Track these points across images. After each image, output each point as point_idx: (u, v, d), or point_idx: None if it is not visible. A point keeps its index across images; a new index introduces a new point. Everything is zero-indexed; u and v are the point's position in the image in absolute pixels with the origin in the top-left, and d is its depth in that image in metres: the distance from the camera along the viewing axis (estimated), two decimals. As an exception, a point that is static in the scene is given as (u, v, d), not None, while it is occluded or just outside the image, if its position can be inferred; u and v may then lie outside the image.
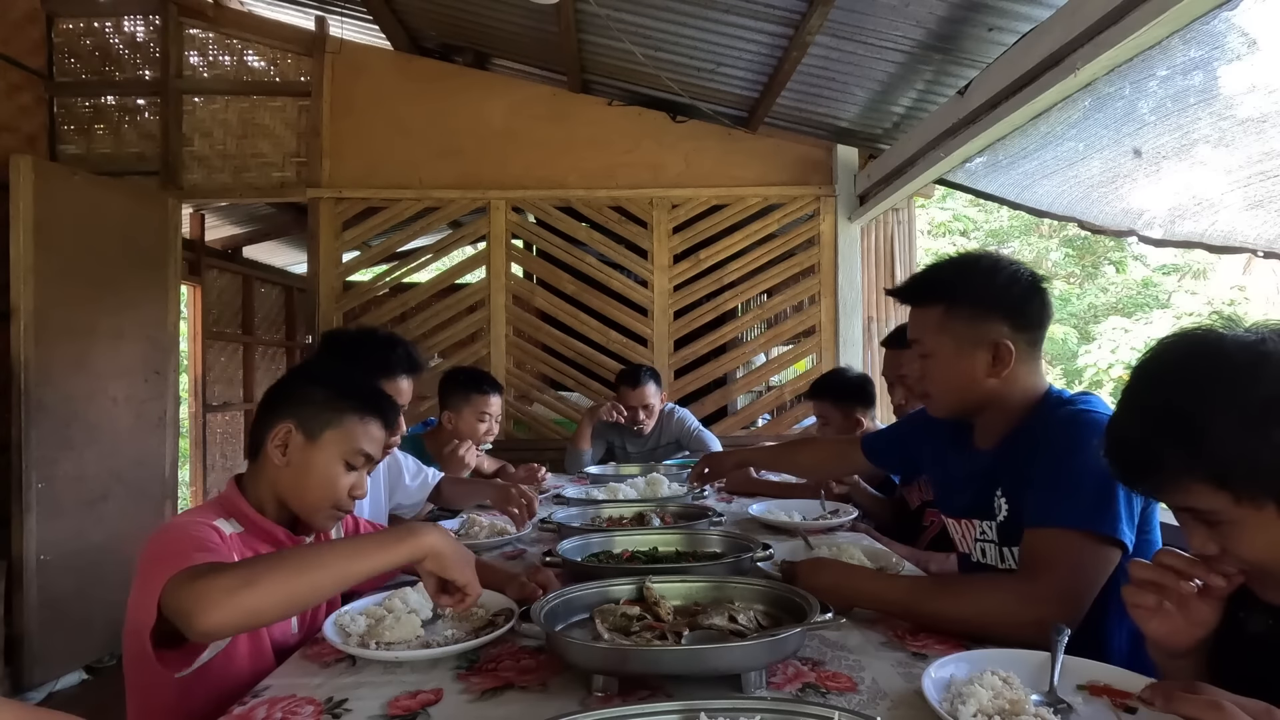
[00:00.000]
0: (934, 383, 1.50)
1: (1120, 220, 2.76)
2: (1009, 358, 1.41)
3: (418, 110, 4.43)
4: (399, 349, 2.10)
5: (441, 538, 1.16)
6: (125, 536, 3.93)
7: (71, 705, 1.01)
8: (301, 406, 1.35)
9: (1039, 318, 1.45)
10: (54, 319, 3.59)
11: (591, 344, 4.46)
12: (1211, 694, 0.78)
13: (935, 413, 1.57)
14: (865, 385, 2.83)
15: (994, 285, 1.42)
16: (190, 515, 1.30)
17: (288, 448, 1.33)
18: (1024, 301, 1.43)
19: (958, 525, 1.56)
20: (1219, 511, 0.90)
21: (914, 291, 1.54)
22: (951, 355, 1.45)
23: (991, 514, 1.44)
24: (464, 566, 1.18)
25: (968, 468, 1.53)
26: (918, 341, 1.51)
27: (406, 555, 1.13)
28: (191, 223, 5.65)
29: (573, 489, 2.71)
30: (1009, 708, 0.93)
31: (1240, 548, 0.91)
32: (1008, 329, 1.42)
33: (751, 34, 3.41)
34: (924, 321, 1.50)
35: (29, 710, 0.90)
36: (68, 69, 4.39)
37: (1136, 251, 11.56)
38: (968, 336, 1.43)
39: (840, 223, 4.37)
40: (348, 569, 1.08)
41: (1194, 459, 0.89)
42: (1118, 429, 0.98)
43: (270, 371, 6.78)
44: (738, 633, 1.16)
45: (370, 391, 1.44)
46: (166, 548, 1.14)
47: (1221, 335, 0.93)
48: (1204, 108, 2.18)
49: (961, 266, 1.50)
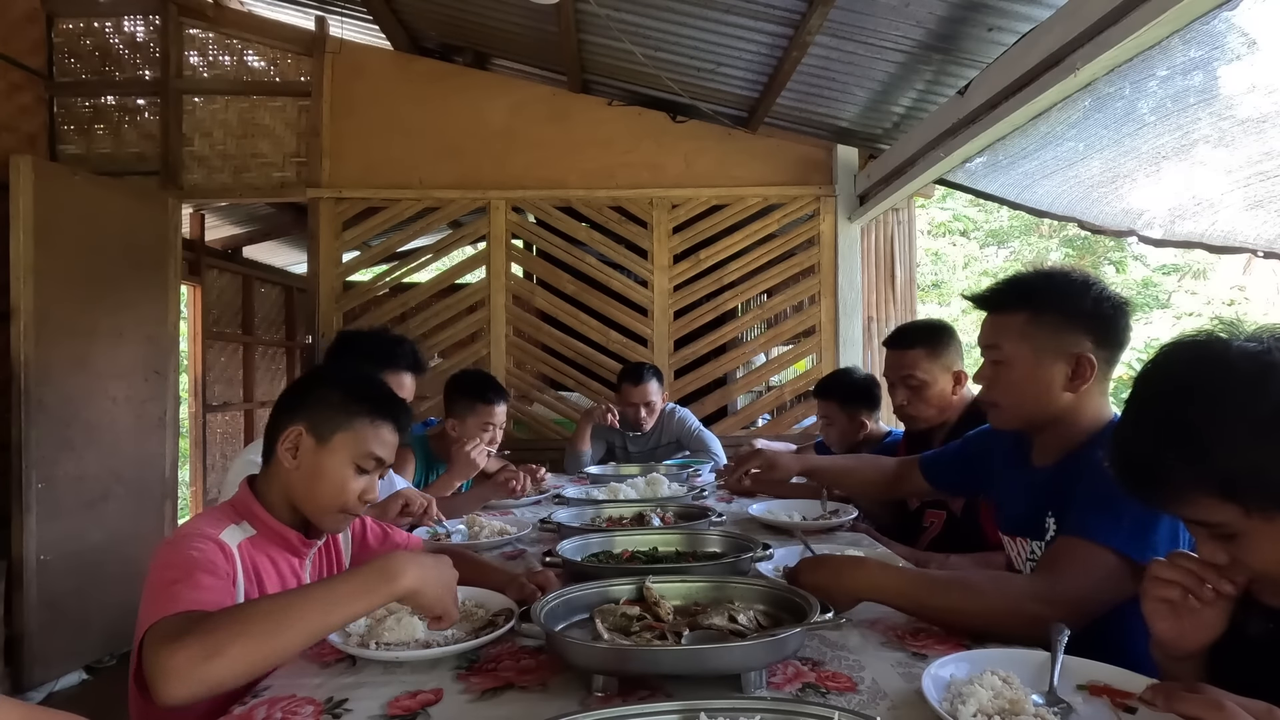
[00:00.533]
0: (1006, 391, 1.47)
1: (1120, 220, 2.76)
2: (1089, 372, 1.38)
3: (418, 110, 4.43)
4: (406, 345, 2.17)
5: (418, 576, 1.11)
6: (125, 536, 3.94)
7: (71, 705, 1.01)
8: (313, 409, 1.35)
9: (1123, 338, 1.42)
10: (54, 319, 3.59)
11: (591, 344, 4.46)
12: (1213, 694, 0.78)
13: (999, 424, 1.53)
14: (871, 387, 2.81)
15: (1084, 298, 1.40)
16: (199, 524, 1.29)
17: (298, 450, 1.32)
18: (1112, 319, 1.40)
19: (1012, 543, 1.53)
20: (1229, 524, 0.89)
21: (998, 296, 1.49)
22: (1030, 364, 1.41)
23: (1041, 533, 1.42)
24: (439, 602, 1.14)
25: (1022, 483, 1.50)
26: (993, 348, 1.47)
27: (384, 599, 1.10)
28: (191, 223, 5.65)
29: (573, 489, 2.71)
30: (1009, 707, 0.93)
31: (1250, 558, 0.90)
32: (1091, 344, 1.39)
33: (751, 34, 3.41)
34: (1003, 327, 1.46)
35: (30, 709, 0.90)
36: (68, 69, 4.39)
37: (1136, 251, 11.55)
38: (1050, 346, 1.40)
39: (840, 223, 4.38)
40: (322, 622, 1.04)
41: (1203, 472, 0.88)
42: (1125, 443, 0.97)
43: (270, 371, 6.78)
44: (737, 633, 1.16)
45: (382, 394, 1.42)
46: (163, 571, 1.14)
47: (1226, 344, 0.92)
48: (1204, 108, 2.18)
49: (1050, 276, 1.47)
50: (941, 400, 2.24)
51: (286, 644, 1.01)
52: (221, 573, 1.17)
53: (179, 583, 1.10)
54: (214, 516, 1.32)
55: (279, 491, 1.35)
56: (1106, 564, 1.22)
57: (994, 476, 1.66)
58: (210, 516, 1.32)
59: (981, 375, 1.52)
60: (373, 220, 4.42)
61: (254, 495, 1.35)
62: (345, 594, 1.07)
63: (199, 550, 1.19)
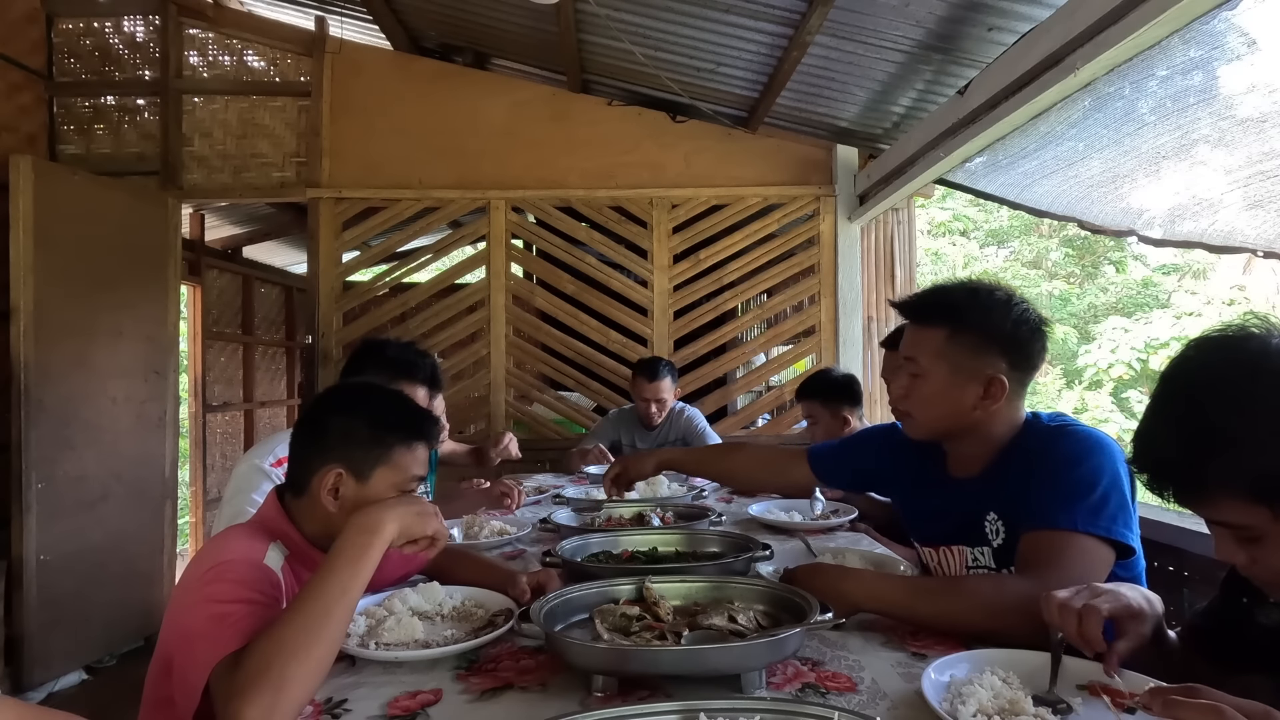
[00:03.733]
0: (919, 404, 1.48)
1: (1120, 220, 2.76)
2: (1000, 394, 1.40)
3: (418, 110, 4.43)
4: (427, 360, 2.20)
5: (396, 517, 1.16)
6: (125, 536, 3.94)
7: (71, 705, 1.01)
8: (347, 448, 1.29)
9: (1037, 361, 1.44)
10: (54, 319, 3.59)
11: (591, 344, 4.46)
12: (1211, 697, 0.77)
13: (913, 433, 1.54)
14: (852, 384, 2.87)
15: (1003, 320, 1.41)
16: (240, 547, 1.23)
17: (339, 491, 1.27)
18: (1028, 342, 1.42)
19: (935, 553, 1.56)
20: (1256, 526, 0.87)
21: (920, 309, 1.50)
22: (945, 381, 1.43)
23: (984, 539, 1.43)
24: (425, 523, 1.19)
25: (944, 496, 1.51)
26: (911, 360, 1.48)
27: (379, 551, 1.13)
28: (191, 223, 5.65)
29: (573, 489, 2.71)
30: (1009, 707, 0.93)
31: (1275, 560, 0.88)
32: (1006, 365, 1.41)
33: (751, 34, 3.41)
34: (923, 341, 1.47)
35: (31, 709, 0.90)
36: (68, 69, 4.39)
37: (1136, 251, 11.57)
38: (965, 366, 1.42)
39: (840, 223, 4.38)
40: (346, 603, 1.07)
41: (1234, 475, 0.86)
42: (1151, 443, 0.94)
43: (270, 371, 6.78)
44: (737, 633, 1.16)
45: (409, 413, 1.37)
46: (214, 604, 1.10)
47: (1255, 340, 0.90)
48: (1204, 108, 2.18)
49: (974, 293, 1.47)
50: None
51: (332, 640, 1.04)
52: (274, 602, 1.16)
53: (233, 615, 1.08)
54: (251, 538, 1.27)
55: (319, 522, 1.29)
56: (1085, 547, 1.25)
57: (896, 482, 1.69)
58: (248, 538, 1.26)
59: (898, 384, 1.54)
60: (372, 220, 4.43)
61: (287, 516, 1.31)
62: (350, 568, 1.09)
63: (249, 581, 1.16)
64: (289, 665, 0.97)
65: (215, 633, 1.06)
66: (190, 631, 1.11)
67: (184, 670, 1.09)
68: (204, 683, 1.04)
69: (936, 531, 1.55)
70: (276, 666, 0.96)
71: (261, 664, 0.96)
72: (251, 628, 1.06)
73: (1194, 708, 0.76)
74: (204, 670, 1.04)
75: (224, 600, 1.11)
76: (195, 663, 1.06)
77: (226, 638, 1.05)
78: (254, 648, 1.00)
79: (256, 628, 1.06)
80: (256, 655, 0.98)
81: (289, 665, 0.97)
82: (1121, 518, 1.27)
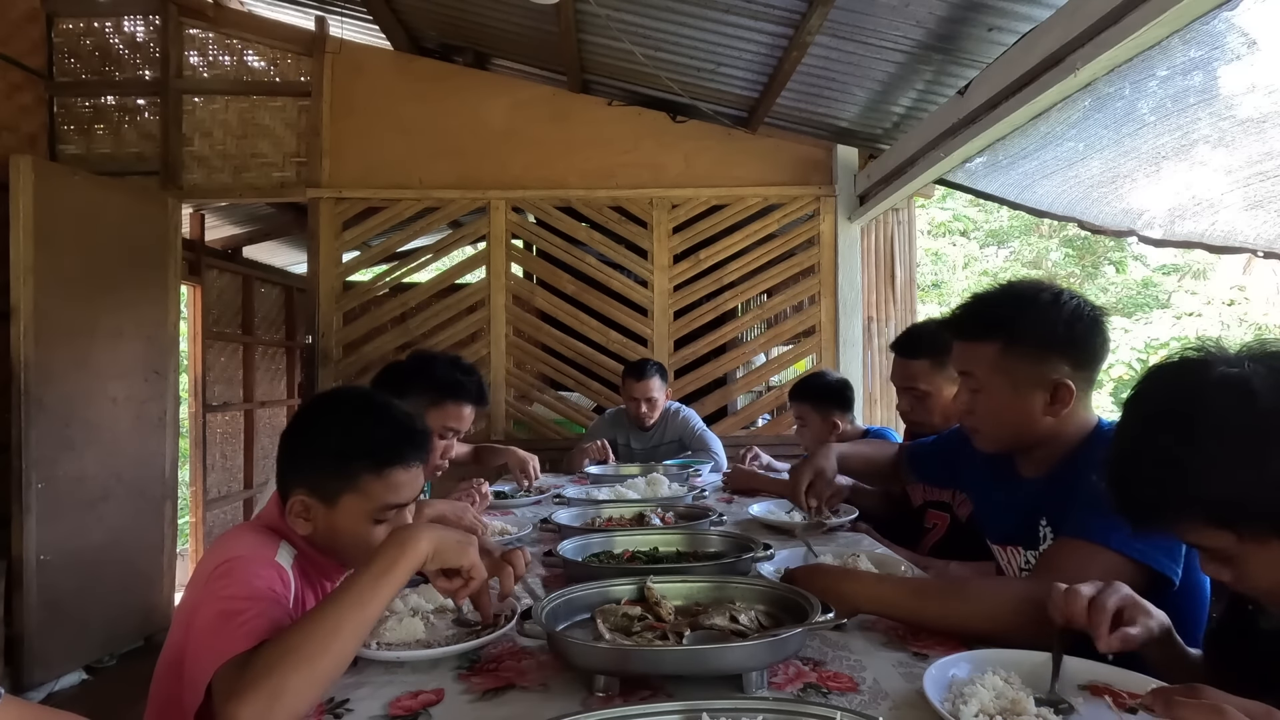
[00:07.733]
0: (985, 419, 1.44)
1: (1120, 220, 2.76)
2: (1069, 398, 1.34)
3: (418, 110, 4.43)
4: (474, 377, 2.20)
5: (432, 539, 1.10)
6: (125, 536, 3.94)
7: (71, 705, 1.01)
8: (311, 473, 1.26)
9: (1101, 355, 1.38)
10: (54, 319, 3.59)
11: (591, 344, 4.46)
12: (1213, 697, 0.77)
13: (983, 447, 1.50)
14: (845, 390, 2.89)
15: (1055, 321, 1.34)
16: (250, 545, 1.22)
17: (309, 514, 1.26)
18: (1087, 338, 1.36)
19: (1003, 552, 1.53)
20: (1225, 549, 0.89)
21: (966, 326, 1.44)
22: (1007, 395, 1.38)
23: (1035, 542, 1.41)
24: (462, 552, 1.13)
25: (1011, 495, 1.49)
26: (968, 375, 1.43)
27: (408, 571, 1.08)
28: (191, 223, 5.64)
29: (573, 489, 2.71)
30: (1010, 708, 0.93)
31: (1250, 580, 0.91)
32: (1068, 368, 1.35)
33: (751, 34, 3.41)
34: (977, 357, 1.41)
35: (32, 708, 0.90)
36: (68, 69, 4.39)
37: (1136, 251, 11.56)
38: (1026, 377, 1.36)
39: (840, 223, 4.38)
40: (362, 619, 1.03)
41: (1190, 503, 0.88)
42: (1114, 470, 0.96)
43: (270, 371, 6.78)
44: (739, 633, 1.16)
45: (381, 437, 1.27)
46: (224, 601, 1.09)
47: (1205, 368, 0.91)
48: (1204, 108, 2.18)
49: (1019, 300, 1.40)
50: (945, 410, 2.24)
51: (339, 654, 1.00)
52: (283, 599, 1.15)
53: (243, 614, 1.07)
54: (260, 536, 1.26)
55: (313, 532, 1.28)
56: (1104, 562, 1.21)
57: (974, 479, 1.66)
58: (257, 537, 1.26)
59: (959, 400, 1.49)
60: (372, 220, 4.42)
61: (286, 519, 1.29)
62: (372, 583, 1.05)
63: (260, 577, 1.15)
64: (290, 675, 0.95)
65: (223, 630, 1.06)
66: (199, 628, 1.11)
67: (193, 666, 1.09)
68: (208, 679, 1.04)
69: (999, 530, 1.53)
70: (277, 674, 0.95)
71: (263, 669, 0.95)
72: (260, 628, 1.05)
73: (1196, 707, 0.76)
74: (209, 667, 1.03)
75: (233, 597, 1.10)
76: (202, 659, 1.06)
77: (234, 637, 1.04)
78: (261, 651, 0.99)
79: (265, 628, 1.05)
80: (261, 660, 0.97)
81: (290, 675, 0.95)
82: (1165, 545, 1.21)
